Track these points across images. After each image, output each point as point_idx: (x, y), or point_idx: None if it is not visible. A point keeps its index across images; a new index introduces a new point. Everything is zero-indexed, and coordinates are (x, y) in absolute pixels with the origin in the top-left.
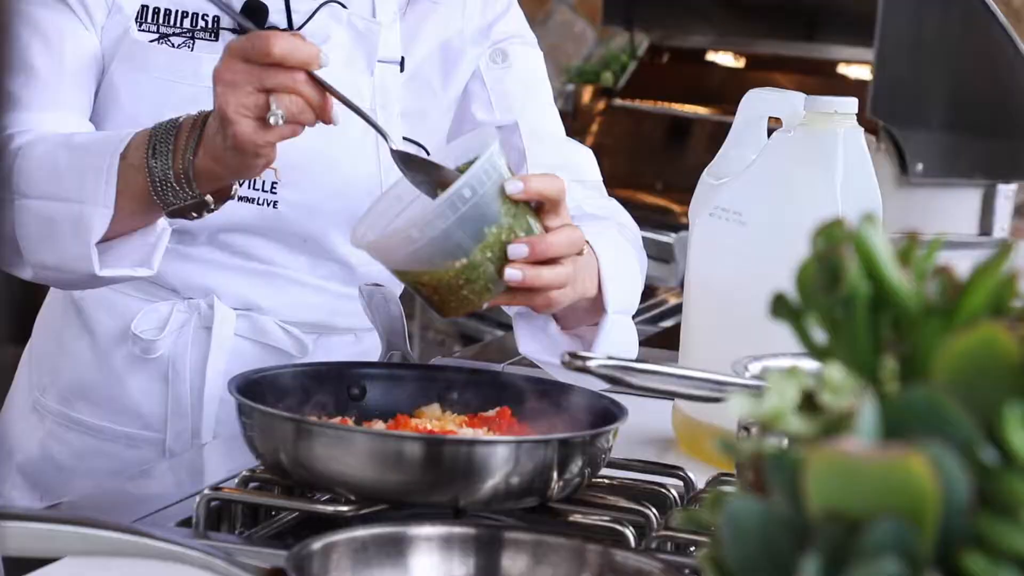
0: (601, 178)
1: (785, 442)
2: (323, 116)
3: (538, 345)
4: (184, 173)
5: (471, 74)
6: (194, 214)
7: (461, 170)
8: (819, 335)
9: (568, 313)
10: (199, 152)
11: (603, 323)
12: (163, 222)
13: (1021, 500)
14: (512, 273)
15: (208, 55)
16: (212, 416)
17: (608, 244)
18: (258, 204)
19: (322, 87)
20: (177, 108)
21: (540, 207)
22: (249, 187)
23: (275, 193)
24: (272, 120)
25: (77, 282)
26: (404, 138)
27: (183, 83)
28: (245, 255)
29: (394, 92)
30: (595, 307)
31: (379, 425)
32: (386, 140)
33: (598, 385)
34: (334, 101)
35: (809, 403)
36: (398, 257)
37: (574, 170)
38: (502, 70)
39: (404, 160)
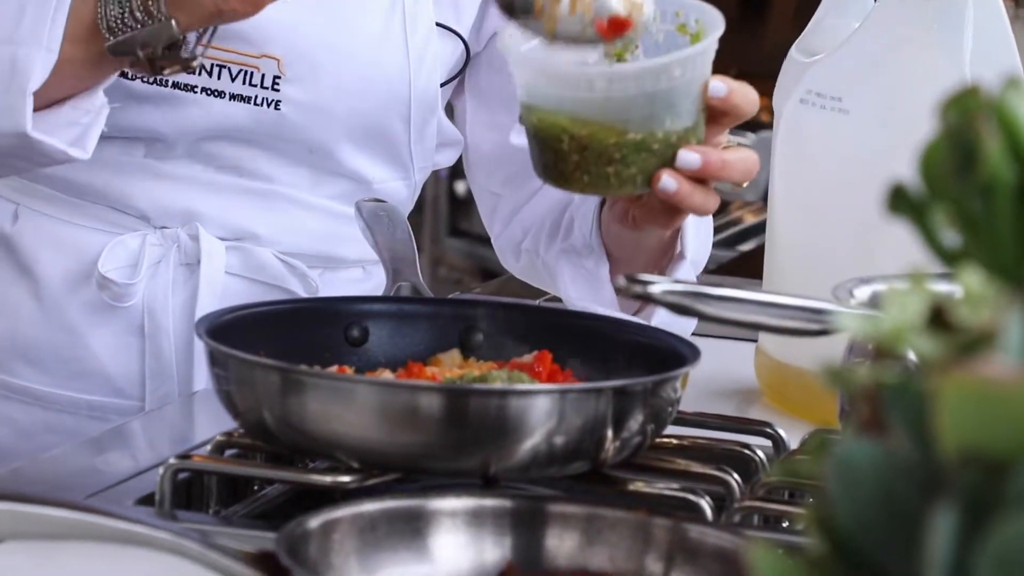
0: None
1: (910, 368)
2: None
3: (586, 290)
4: (148, 5)
5: None
6: (151, 63)
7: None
8: (951, 235)
9: (631, 255)
10: None
11: (677, 271)
12: (101, 97)
13: None
14: (668, 182)
15: None
16: (204, 376)
17: None
18: (255, 104)
19: None
20: None
21: (712, 117)
22: (245, 83)
23: (277, 91)
24: None
25: None
26: (439, 24)
27: None
28: (236, 170)
29: None
30: (664, 252)
31: (387, 375)
32: None
33: (664, 319)
34: None
35: (940, 319)
36: (565, 94)
37: None
38: None
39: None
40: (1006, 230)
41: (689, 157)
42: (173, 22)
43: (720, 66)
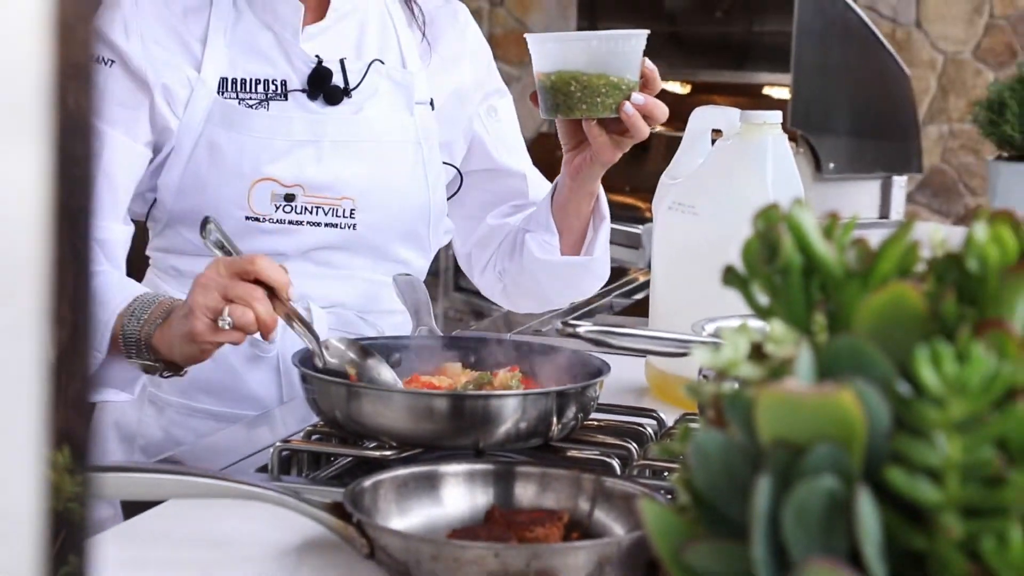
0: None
1: (739, 385)
2: (264, 332)
3: (547, 252)
4: (145, 340)
5: (475, 118)
6: (155, 366)
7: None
8: (762, 298)
9: (572, 223)
10: (159, 330)
11: (601, 228)
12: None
13: (931, 424)
14: (628, 108)
15: (284, 115)
16: None
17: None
18: (340, 228)
19: (277, 305)
20: (278, 158)
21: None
22: (333, 216)
23: (353, 219)
24: (221, 323)
25: None
26: (444, 162)
27: (276, 139)
28: (330, 265)
29: (431, 127)
30: (589, 219)
31: (414, 384)
32: (311, 338)
33: (585, 347)
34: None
35: (757, 353)
36: (571, 54)
37: (531, 184)
38: (496, 123)
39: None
40: (797, 296)
41: (638, 96)
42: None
43: (617, 185)
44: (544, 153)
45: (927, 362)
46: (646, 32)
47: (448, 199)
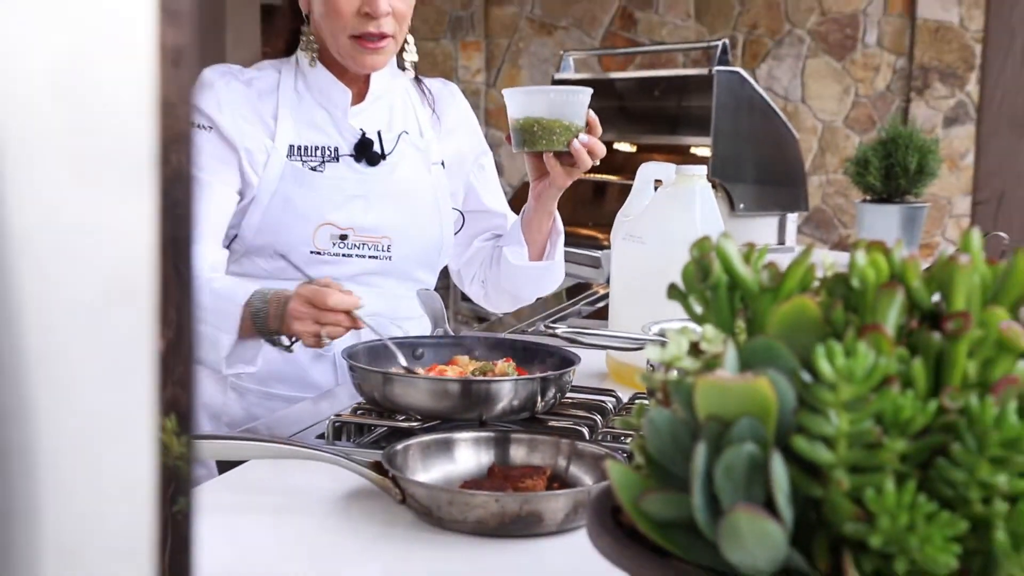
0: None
1: (682, 374)
2: (355, 328)
3: (519, 258)
4: (275, 328)
5: (469, 172)
6: (276, 345)
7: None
8: (697, 308)
9: (536, 237)
10: (281, 324)
11: (558, 240)
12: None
13: (826, 403)
14: (576, 145)
15: (339, 175)
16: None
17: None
18: (379, 260)
19: (355, 320)
20: (337, 208)
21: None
22: (374, 250)
23: (389, 252)
24: (324, 342)
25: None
26: (454, 208)
27: (335, 194)
28: (370, 285)
29: (443, 183)
30: (550, 234)
31: (432, 371)
32: (381, 337)
33: (561, 343)
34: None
35: (695, 349)
36: (535, 104)
37: (509, 222)
38: (483, 178)
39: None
40: (724, 306)
41: (584, 137)
42: (284, 338)
43: (582, 221)
44: (527, 193)
45: (823, 357)
46: (590, 90)
47: (455, 234)
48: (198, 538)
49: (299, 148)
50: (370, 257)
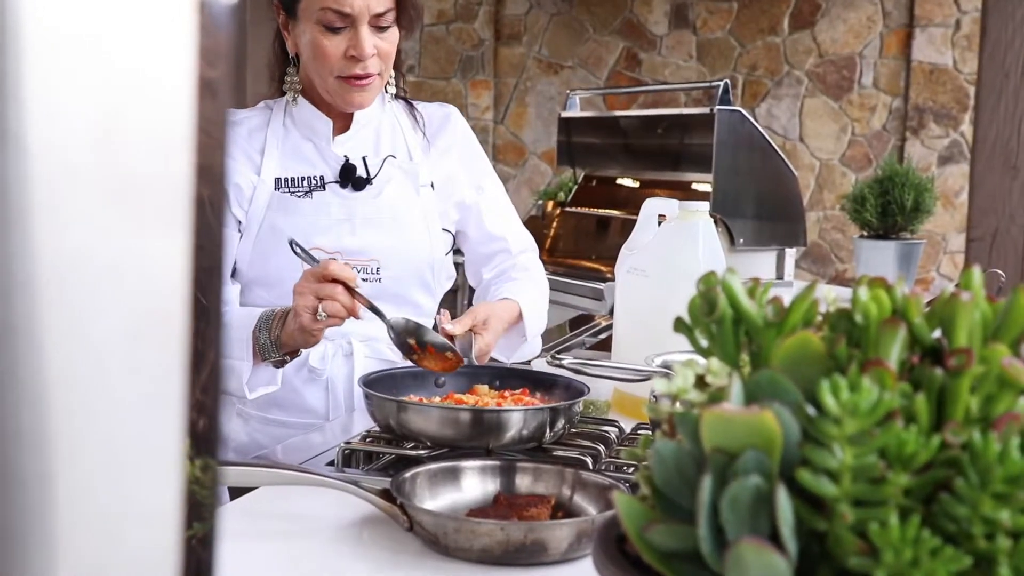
0: (533, 247)
1: (687, 406)
2: (352, 313)
3: (499, 352)
4: (274, 341)
5: (466, 194)
6: (283, 359)
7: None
8: (703, 341)
9: (503, 343)
10: (283, 330)
11: (522, 346)
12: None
13: (830, 437)
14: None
15: (324, 201)
16: (361, 408)
17: (525, 295)
18: (370, 282)
19: (354, 295)
20: (323, 233)
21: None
22: (365, 272)
23: (379, 274)
24: (320, 316)
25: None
26: (443, 228)
27: (320, 219)
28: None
29: (432, 205)
30: (519, 331)
31: (449, 400)
32: (383, 320)
33: (570, 375)
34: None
35: (700, 382)
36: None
37: (512, 243)
38: (483, 198)
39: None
40: (730, 340)
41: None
42: (287, 357)
43: (588, 254)
44: (532, 232)
45: (827, 391)
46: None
47: (446, 254)
48: (218, 564)
49: (286, 180)
50: (364, 280)
